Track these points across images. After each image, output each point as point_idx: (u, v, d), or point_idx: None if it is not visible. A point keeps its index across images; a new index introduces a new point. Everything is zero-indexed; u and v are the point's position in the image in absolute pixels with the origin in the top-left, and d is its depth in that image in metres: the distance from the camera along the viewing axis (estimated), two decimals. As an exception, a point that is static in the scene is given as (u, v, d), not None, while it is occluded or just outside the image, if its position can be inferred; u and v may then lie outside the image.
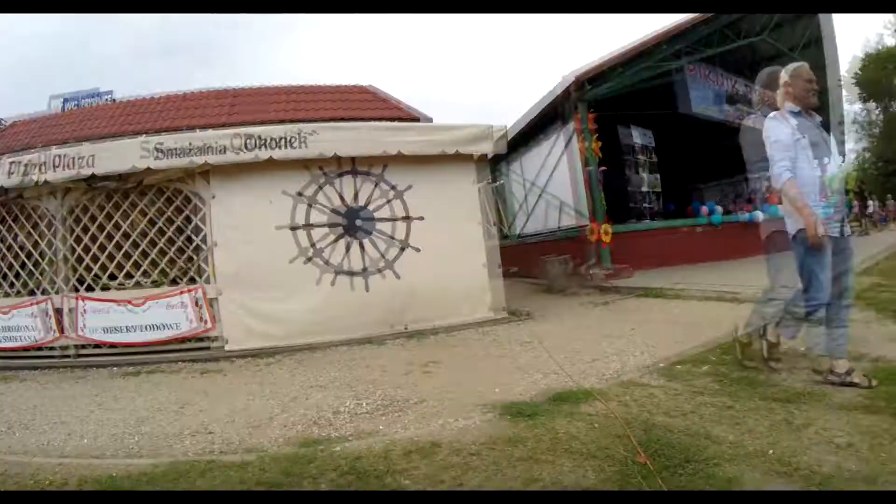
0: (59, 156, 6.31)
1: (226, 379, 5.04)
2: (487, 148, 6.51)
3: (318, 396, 3.95)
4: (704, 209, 12.47)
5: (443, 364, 4.65)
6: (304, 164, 6.09)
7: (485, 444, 2.70)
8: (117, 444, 3.37)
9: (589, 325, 6.11)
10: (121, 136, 11.29)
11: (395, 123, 6.45)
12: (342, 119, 10.71)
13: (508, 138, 7.49)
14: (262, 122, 10.50)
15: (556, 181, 11.84)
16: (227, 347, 5.94)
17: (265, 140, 5.89)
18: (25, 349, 6.61)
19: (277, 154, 5.87)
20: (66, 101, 15.10)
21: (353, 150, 6.10)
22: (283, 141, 5.90)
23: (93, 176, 6.18)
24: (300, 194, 6.06)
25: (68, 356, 6.40)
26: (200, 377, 5.21)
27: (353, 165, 6.22)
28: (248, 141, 5.88)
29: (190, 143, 5.90)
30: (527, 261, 11.20)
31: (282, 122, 10.43)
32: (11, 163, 6.54)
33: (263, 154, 5.86)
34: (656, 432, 2.67)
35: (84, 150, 6.27)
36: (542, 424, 2.89)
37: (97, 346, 6.36)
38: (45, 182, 6.36)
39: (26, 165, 6.44)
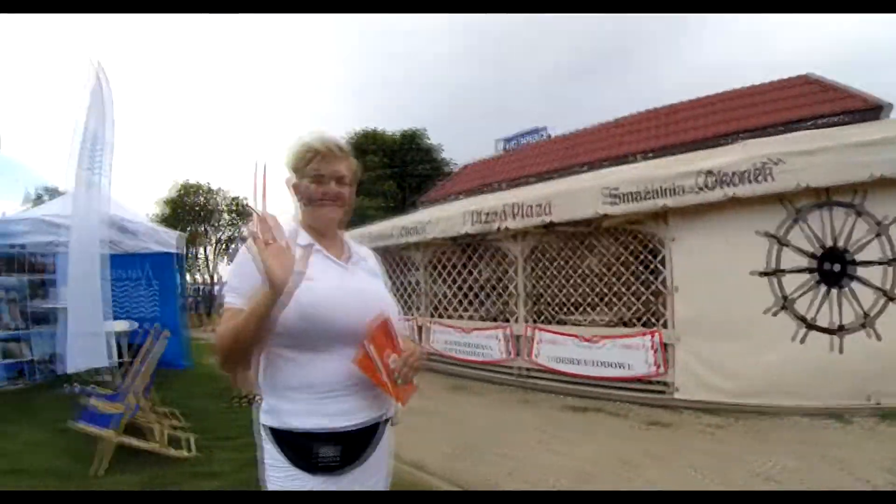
0: (518, 205, 7.41)
1: (672, 438, 5.04)
2: None
3: (774, 500, 3.60)
4: None
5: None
6: (772, 199, 5.60)
7: None
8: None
9: None
10: (556, 173, 12.75)
11: (877, 137, 5.40)
12: (789, 123, 9.80)
13: None
14: (702, 140, 10.49)
15: None
16: (675, 395, 5.98)
17: (725, 176, 5.64)
18: (481, 363, 8.13)
19: (741, 191, 5.56)
20: (506, 141, 17.85)
21: (828, 179, 5.31)
22: (745, 175, 5.54)
23: (550, 221, 7.01)
24: (769, 234, 5.62)
25: (518, 376, 7.53)
26: (646, 429, 5.34)
27: (827, 196, 5.46)
28: (708, 179, 5.73)
29: (646, 187, 6.10)
30: None
31: (722, 136, 10.19)
32: (473, 212, 8.00)
33: (724, 193, 5.64)
34: None
35: (541, 198, 7.16)
36: None
37: (545, 371, 7.23)
38: (506, 228, 7.53)
39: (487, 214, 7.78)
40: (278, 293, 1.27)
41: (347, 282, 1.55)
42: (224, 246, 40.54)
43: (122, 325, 7.95)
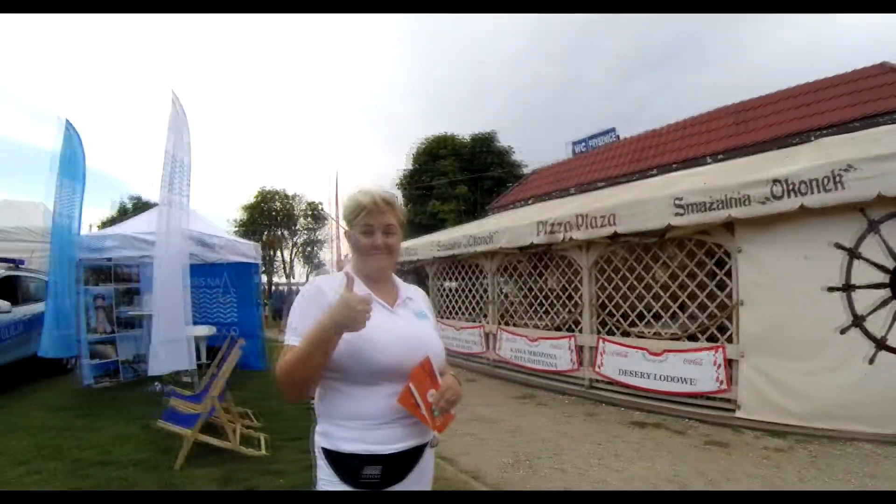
0: (582, 216, 7.51)
1: (727, 460, 4.95)
2: None
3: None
4: None
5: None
6: (847, 209, 5.30)
7: None
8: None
9: None
10: (626, 177, 12.65)
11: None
12: (866, 118, 9.27)
13: None
14: (774, 140, 10.08)
15: None
16: (737, 414, 5.90)
17: (792, 185, 5.45)
18: (546, 372, 8.33)
19: (809, 201, 5.34)
20: (575, 144, 17.70)
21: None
22: (813, 184, 5.31)
23: (616, 232, 7.07)
24: (840, 247, 5.37)
25: (583, 387, 7.64)
26: (703, 449, 5.29)
27: (902, 205, 5.10)
28: (774, 188, 5.56)
29: (711, 197, 6.01)
30: None
31: (795, 135, 9.78)
32: (540, 222, 8.18)
33: (792, 203, 5.45)
34: None
35: (607, 209, 7.22)
36: None
37: (609, 382, 7.32)
38: (571, 238, 7.68)
39: (553, 225, 7.94)
40: (340, 333, 1.50)
41: (393, 324, 1.73)
42: (301, 249, 42.07)
43: (203, 330, 8.61)
